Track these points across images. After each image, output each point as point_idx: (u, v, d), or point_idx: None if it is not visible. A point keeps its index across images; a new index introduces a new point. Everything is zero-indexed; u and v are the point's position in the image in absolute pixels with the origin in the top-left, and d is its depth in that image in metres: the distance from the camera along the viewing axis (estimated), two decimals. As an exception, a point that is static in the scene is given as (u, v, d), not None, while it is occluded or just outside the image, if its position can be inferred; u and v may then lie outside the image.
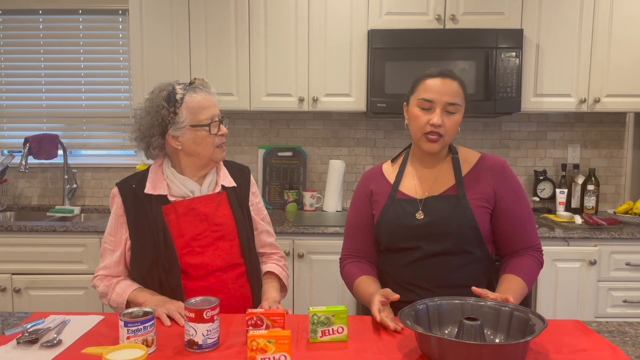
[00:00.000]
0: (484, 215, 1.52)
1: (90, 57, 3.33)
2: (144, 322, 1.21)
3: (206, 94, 1.61)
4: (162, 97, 1.58)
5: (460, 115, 1.52)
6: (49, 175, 3.39)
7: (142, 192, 1.62)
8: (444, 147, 1.57)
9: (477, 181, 1.55)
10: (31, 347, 1.26)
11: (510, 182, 1.56)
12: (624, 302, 2.61)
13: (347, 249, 1.69)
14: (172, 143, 1.61)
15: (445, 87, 1.49)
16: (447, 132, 1.50)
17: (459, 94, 1.50)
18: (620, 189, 3.31)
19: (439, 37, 2.79)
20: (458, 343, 1.09)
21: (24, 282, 2.69)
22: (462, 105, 1.52)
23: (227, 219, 1.66)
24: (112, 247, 1.65)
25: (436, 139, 1.50)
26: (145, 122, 1.60)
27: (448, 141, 1.54)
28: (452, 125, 1.50)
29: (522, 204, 1.56)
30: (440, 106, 1.49)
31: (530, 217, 1.57)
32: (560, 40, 2.86)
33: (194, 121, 1.59)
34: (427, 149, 1.53)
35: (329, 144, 3.32)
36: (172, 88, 1.59)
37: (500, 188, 1.54)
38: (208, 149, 1.62)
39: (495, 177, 1.55)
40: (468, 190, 1.54)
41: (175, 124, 1.58)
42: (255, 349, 1.14)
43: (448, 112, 1.49)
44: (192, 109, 1.58)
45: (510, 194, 1.55)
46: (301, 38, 2.88)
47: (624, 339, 1.32)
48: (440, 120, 1.48)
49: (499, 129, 3.29)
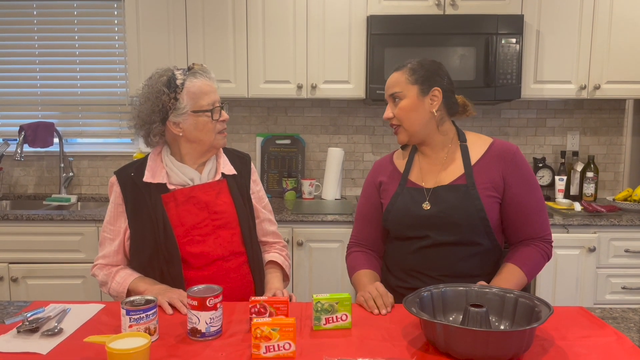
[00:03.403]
0: (493, 205, 1.51)
1: (86, 43, 3.28)
2: (146, 311, 1.20)
3: (206, 79, 1.59)
4: (162, 82, 1.55)
5: (408, 100, 1.53)
6: (44, 164, 3.35)
7: (140, 180, 1.60)
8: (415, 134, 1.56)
9: (487, 169, 1.53)
10: (32, 335, 1.24)
11: (520, 170, 1.52)
12: (623, 288, 2.62)
13: (355, 237, 1.72)
14: (172, 129, 1.58)
15: (387, 83, 1.58)
16: (401, 119, 1.54)
17: (399, 81, 1.54)
18: (619, 176, 3.31)
19: (439, 23, 2.76)
20: (464, 330, 1.08)
21: (21, 271, 2.67)
22: (405, 90, 1.53)
23: (227, 207, 1.64)
24: (111, 236, 1.63)
25: (396, 129, 1.57)
26: (145, 108, 1.57)
27: (410, 127, 1.54)
28: (400, 112, 1.54)
29: (532, 193, 1.52)
30: (389, 100, 1.58)
31: (541, 207, 1.54)
32: (561, 27, 2.84)
33: (196, 107, 1.56)
34: (398, 140, 1.60)
35: (328, 132, 3.30)
36: (172, 73, 1.56)
37: (509, 176, 1.52)
38: (210, 135, 1.60)
39: (504, 165, 1.52)
40: (477, 179, 1.51)
41: (176, 110, 1.56)
42: (259, 337, 1.13)
43: (395, 102, 1.55)
44: (194, 95, 1.56)
45: (519, 182, 1.52)
46: (299, 24, 2.85)
47: (629, 325, 1.32)
48: (388, 113, 1.57)
49: (498, 116, 3.27)
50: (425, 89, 1.52)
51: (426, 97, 1.52)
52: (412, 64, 1.55)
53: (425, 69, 1.54)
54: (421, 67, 1.54)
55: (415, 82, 1.52)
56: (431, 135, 1.57)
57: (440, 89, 1.53)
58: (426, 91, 1.52)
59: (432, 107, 1.53)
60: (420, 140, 1.57)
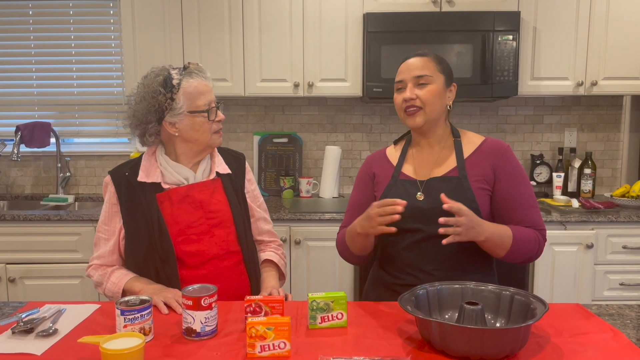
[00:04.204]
0: (484, 197, 1.52)
1: (82, 43, 3.27)
2: (141, 311, 1.20)
3: (202, 79, 1.59)
4: (158, 82, 1.55)
5: (436, 86, 1.53)
6: (41, 164, 3.35)
7: (135, 180, 1.60)
8: (431, 121, 1.55)
9: (479, 163, 1.55)
10: (26, 336, 1.24)
11: (509, 164, 1.54)
12: (620, 285, 2.62)
13: (346, 223, 1.71)
14: (168, 129, 1.58)
15: (411, 65, 1.55)
16: (425, 102, 1.52)
17: (428, 66, 1.54)
18: (617, 173, 3.30)
19: (436, 20, 2.75)
20: (459, 328, 1.08)
21: (19, 272, 2.66)
22: (435, 76, 1.53)
23: (222, 205, 1.64)
24: (106, 235, 1.63)
25: (415, 111, 1.54)
26: (141, 108, 1.57)
27: (431, 113, 1.54)
28: (428, 95, 1.52)
29: (521, 187, 1.53)
30: (410, 82, 1.54)
31: (531, 202, 1.53)
32: (558, 23, 2.83)
33: (192, 107, 1.56)
34: (411, 124, 1.56)
35: (325, 130, 3.30)
36: (168, 73, 1.56)
37: (499, 169, 1.53)
38: (206, 135, 1.60)
39: (495, 159, 1.54)
40: (470, 171, 1.53)
41: (172, 110, 1.56)
42: (254, 336, 1.13)
43: (420, 85, 1.53)
44: (190, 95, 1.56)
45: (509, 176, 1.52)
46: (296, 22, 2.84)
47: (625, 322, 1.31)
48: (411, 93, 1.53)
49: (495, 113, 3.27)
50: (448, 81, 1.57)
51: (447, 89, 1.57)
52: (433, 54, 1.57)
53: (446, 63, 1.59)
54: (443, 60, 1.58)
55: (442, 72, 1.56)
56: (438, 126, 1.59)
57: (456, 86, 1.60)
58: (449, 84, 1.57)
59: (449, 100, 1.58)
60: (428, 128, 1.58)
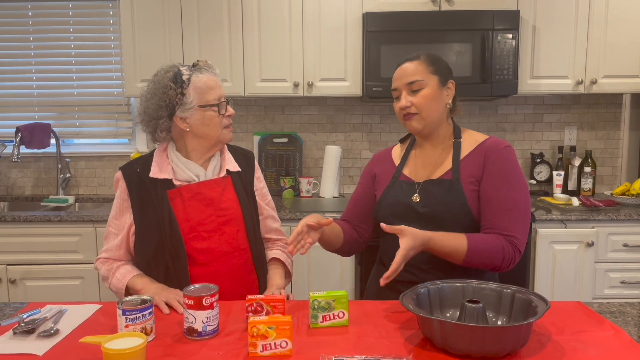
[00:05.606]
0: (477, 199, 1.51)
1: (81, 44, 3.27)
2: (142, 310, 1.20)
3: (211, 74, 1.61)
4: (168, 78, 1.56)
5: (429, 89, 1.53)
6: (42, 165, 3.35)
7: (146, 176, 1.60)
8: (430, 124, 1.55)
9: (472, 163, 1.54)
10: (28, 337, 1.24)
11: (497, 163, 1.50)
12: (621, 283, 2.62)
13: (345, 215, 1.75)
14: (179, 125, 1.59)
15: (402, 72, 1.55)
16: (420, 108, 1.53)
17: (418, 70, 1.54)
18: (617, 171, 3.30)
19: (435, 19, 2.75)
20: (461, 326, 1.08)
21: (20, 273, 2.67)
22: (427, 79, 1.53)
23: (232, 203, 1.65)
24: (116, 230, 1.64)
25: (410, 117, 1.55)
26: (152, 104, 1.58)
27: (428, 117, 1.54)
28: (421, 100, 1.52)
29: (502, 189, 1.48)
30: (404, 90, 1.55)
31: (509, 205, 1.47)
32: (557, 22, 2.83)
33: (202, 101, 1.57)
34: (410, 128, 1.58)
35: (325, 130, 3.30)
36: (178, 69, 1.58)
37: (487, 167, 1.51)
38: (216, 130, 1.61)
39: (487, 157, 1.52)
40: (464, 173, 1.52)
41: (183, 105, 1.57)
42: (256, 335, 1.13)
43: (413, 92, 1.53)
44: (200, 89, 1.57)
45: (491, 175, 1.49)
46: (295, 22, 2.84)
47: (626, 319, 1.31)
48: (405, 102, 1.54)
49: (495, 112, 3.27)
50: (444, 80, 1.56)
51: (444, 88, 1.56)
52: (424, 55, 1.56)
53: (440, 61, 1.58)
54: (436, 60, 1.57)
55: (435, 73, 1.55)
56: (440, 127, 1.59)
57: (454, 82, 1.59)
58: (444, 82, 1.56)
59: (448, 99, 1.58)
60: (430, 131, 1.58)
